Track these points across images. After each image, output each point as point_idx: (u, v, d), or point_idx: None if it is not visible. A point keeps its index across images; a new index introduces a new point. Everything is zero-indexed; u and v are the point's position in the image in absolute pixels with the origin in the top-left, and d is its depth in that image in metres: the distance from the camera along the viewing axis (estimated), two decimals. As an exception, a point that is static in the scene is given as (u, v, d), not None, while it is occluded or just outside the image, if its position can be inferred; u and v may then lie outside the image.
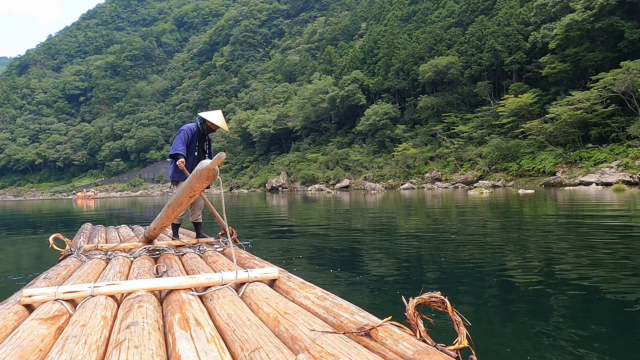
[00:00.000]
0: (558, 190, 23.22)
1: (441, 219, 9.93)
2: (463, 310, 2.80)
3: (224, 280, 2.25)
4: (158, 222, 3.77)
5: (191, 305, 1.86)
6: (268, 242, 6.74)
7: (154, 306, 1.91)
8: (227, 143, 78.33)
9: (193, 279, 2.24)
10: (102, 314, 1.79)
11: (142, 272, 2.80)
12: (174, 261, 3.24)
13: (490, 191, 22.41)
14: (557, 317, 2.74)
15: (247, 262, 3.02)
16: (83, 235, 4.99)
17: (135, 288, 2.12)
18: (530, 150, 34.98)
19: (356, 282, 3.83)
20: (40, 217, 17.23)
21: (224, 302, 1.92)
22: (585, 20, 32.61)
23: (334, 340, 1.39)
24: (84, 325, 1.61)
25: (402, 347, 1.32)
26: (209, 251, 3.70)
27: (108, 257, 3.43)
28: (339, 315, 1.67)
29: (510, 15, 42.30)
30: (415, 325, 1.42)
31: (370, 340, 1.42)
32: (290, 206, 18.69)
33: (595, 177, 25.83)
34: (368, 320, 1.56)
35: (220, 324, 1.71)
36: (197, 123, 4.54)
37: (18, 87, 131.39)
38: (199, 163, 2.58)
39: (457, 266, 4.43)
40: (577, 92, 31.53)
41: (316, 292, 2.02)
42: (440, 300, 1.42)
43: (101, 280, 2.63)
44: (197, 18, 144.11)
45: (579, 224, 7.77)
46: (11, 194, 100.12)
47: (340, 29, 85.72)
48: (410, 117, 50.94)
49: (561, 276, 3.83)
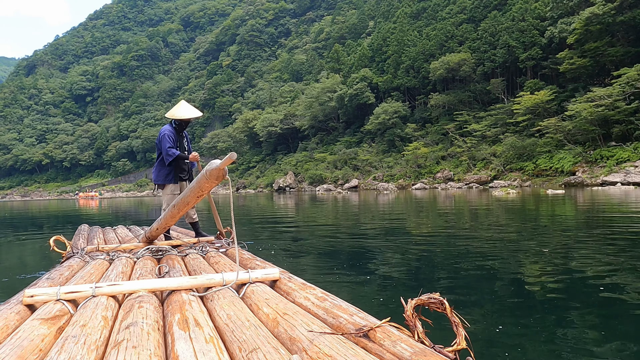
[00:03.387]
0: (583, 190, 21.99)
1: (475, 224, 8.86)
2: (467, 312, 2.85)
3: (225, 281, 2.23)
4: (161, 223, 3.72)
5: (191, 305, 1.86)
6: (274, 242, 6.61)
7: (155, 307, 1.91)
8: (233, 143, 77.56)
9: (194, 279, 2.24)
10: (102, 314, 1.78)
11: (145, 272, 2.79)
12: (177, 262, 3.24)
13: (517, 191, 21.25)
14: (564, 324, 2.65)
15: (249, 263, 2.98)
16: (81, 236, 4.93)
17: (136, 288, 2.11)
18: (547, 149, 33.66)
19: (360, 284, 3.80)
20: (39, 217, 16.58)
21: (224, 303, 1.92)
22: (606, 14, 31.30)
23: (331, 341, 1.37)
24: (84, 326, 1.61)
25: (400, 349, 1.30)
26: (212, 252, 3.63)
27: (111, 257, 3.42)
28: (338, 316, 1.66)
29: (525, 10, 40.95)
30: (413, 327, 1.40)
31: (369, 342, 1.40)
32: (298, 207, 17.72)
33: (620, 177, 24.57)
34: (367, 321, 1.54)
35: (219, 325, 1.70)
36: (172, 123, 4.42)
37: (25, 88, 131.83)
38: (208, 163, 2.56)
39: (486, 275, 3.81)
40: (598, 89, 30.23)
41: (316, 293, 2.00)
42: (439, 301, 1.40)
43: (103, 280, 2.62)
44: (204, 18, 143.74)
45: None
46: (18, 194, 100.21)
47: (348, 28, 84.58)
48: (421, 115, 49.79)
49: (598, 292, 3.35)
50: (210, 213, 4.38)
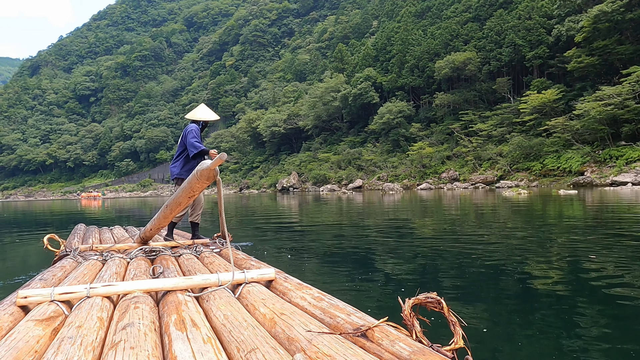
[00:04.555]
0: (592, 190, 21.55)
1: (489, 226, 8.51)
2: (472, 313, 2.79)
3: (220, 281, 2.21)
4: (155, 223, 3.70)
5: (187, 306, 1.84)
6: (277, 243, 6.57)
7: (150, 307, 1.89)
8: (236, 143, 77.34)
9: (189, 280, 2.22)
10: (98, 315, 1.77)
11: (139, 273, 2.76)
12: (171, 262, 3.20)
13: (528, 192, 20.82)
14: (563, 324, 2.59)
15: (243, 263, 2.95)
16: (77, 236, 4.86)
17: (131, 289, 2.09)
18: (555, 148, 33.18)
19: (361, 284, 3.75)
20: (43, 217, 16.29)
21: (221, 303, 1.90)
22: (615, 12, 30.80)
23: (330, 341, 1.37)
24: (79, 327, 1.60)
25: (398, 348, 1.30)
26: (206, 252, 3.59)
27: (104, 258, 3.36)
28: (336, 316, 1.65)
29: (532, 9, 40.48)
30: (411, 326, 1.40)
31: (367, 341, 1.40)
32: (302, 207, 17.38)
33: (631, 177, 24.10)
34: (364, 321, 1.54)
35: (216, 325, 1.69)
36: (198, 123, 4.48)
37: (29, 88, 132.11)
38: (199, 163, 2.56)
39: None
40: (607, 87, 29.73)
41: (312, 293, 1.99)
42: (436, 300, 1.40)
43: (97, 281, 2.59)
44: (207, 18, 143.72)
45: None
46: (22, 194, 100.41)
47: (351, 28, 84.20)
48: (426, 115, 49.37)
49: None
50: (214, 215, 4.30)
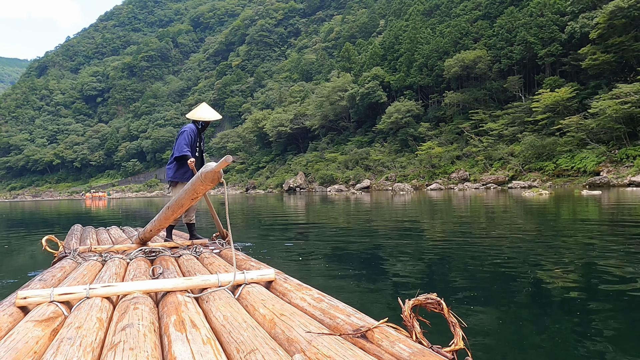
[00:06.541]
0: (609, 190, 20.82)
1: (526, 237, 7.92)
2: (478, 314, 2.75)
3: (220, 282, 2.19)
4: (155, 224, 3.68)
5: (187, 307, 1.82)
6: (280, 244, 6.50)
7: (150, 308, 1.86)
8: (243, 143, 76.97)
9: (189, 280, 2.19)
10: (97, 315, 1.76)
11: (138, 273, 2.72)
12: (170, 263, 3.18)
13: (550, 192, 20.12)
14: (563, 325, 2.51)
15: (243, 264, 2.92)
16: (74, 236, 4.83)
17: (131, 290, 2.08)
18: (568, 148, 32.40)
19: (363, 285, 3.69)
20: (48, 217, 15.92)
21: (220, 304, 1.89)
22: (631, 7, 30.02)
23: (330, 342, 1.37)
24: (79, 327, 1.59)
25: (398, 349, 1.30)
26: (205, 253, 3.56)
27: (104, 258, 3.33)
28: (335, 317, 1.65)
29: (544, 5, 39.62)
30: (411, 327, 1.40)
31: (367, 342, 1.40)
32: (309, 208, 16.85)
33: (651, 177, 23.33)
34: (364, 322, 1.53)
35: (216, 326, 1.68)
36: (197, 123, 4.43)
37: (37, 89, 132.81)
38: (203, 165, 2.65)
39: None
40: (624, 85, 28.95)
41: (312, 294, 1.98)
42: (436, 301, 1.40)
43: (97, 282, 2.55)
44: (213, 18, 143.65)
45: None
46: (29, 194, 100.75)
47: (358, 27, 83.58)
48: (435, 114, 48.67)
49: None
50: (209, 215, 4.27)
